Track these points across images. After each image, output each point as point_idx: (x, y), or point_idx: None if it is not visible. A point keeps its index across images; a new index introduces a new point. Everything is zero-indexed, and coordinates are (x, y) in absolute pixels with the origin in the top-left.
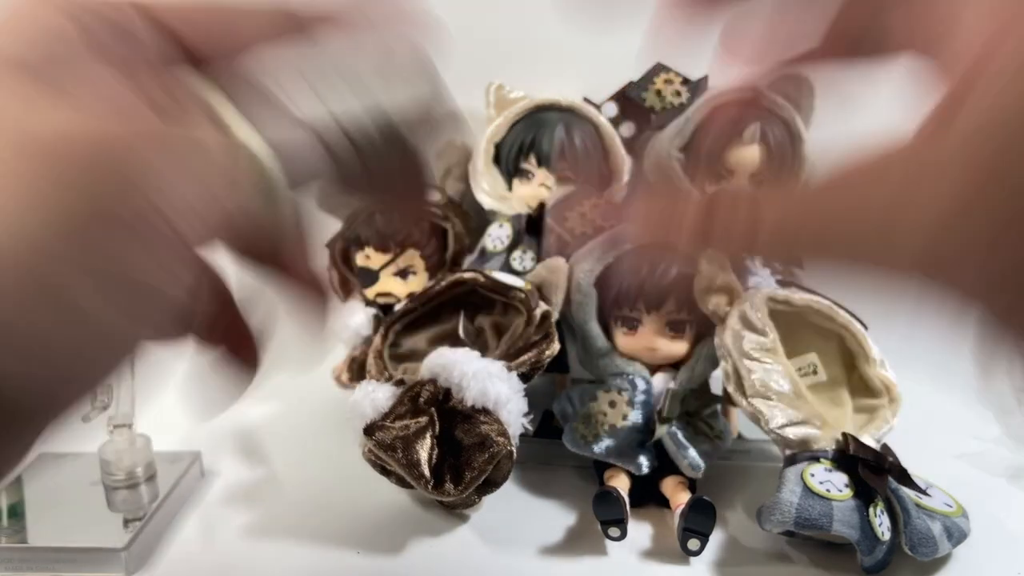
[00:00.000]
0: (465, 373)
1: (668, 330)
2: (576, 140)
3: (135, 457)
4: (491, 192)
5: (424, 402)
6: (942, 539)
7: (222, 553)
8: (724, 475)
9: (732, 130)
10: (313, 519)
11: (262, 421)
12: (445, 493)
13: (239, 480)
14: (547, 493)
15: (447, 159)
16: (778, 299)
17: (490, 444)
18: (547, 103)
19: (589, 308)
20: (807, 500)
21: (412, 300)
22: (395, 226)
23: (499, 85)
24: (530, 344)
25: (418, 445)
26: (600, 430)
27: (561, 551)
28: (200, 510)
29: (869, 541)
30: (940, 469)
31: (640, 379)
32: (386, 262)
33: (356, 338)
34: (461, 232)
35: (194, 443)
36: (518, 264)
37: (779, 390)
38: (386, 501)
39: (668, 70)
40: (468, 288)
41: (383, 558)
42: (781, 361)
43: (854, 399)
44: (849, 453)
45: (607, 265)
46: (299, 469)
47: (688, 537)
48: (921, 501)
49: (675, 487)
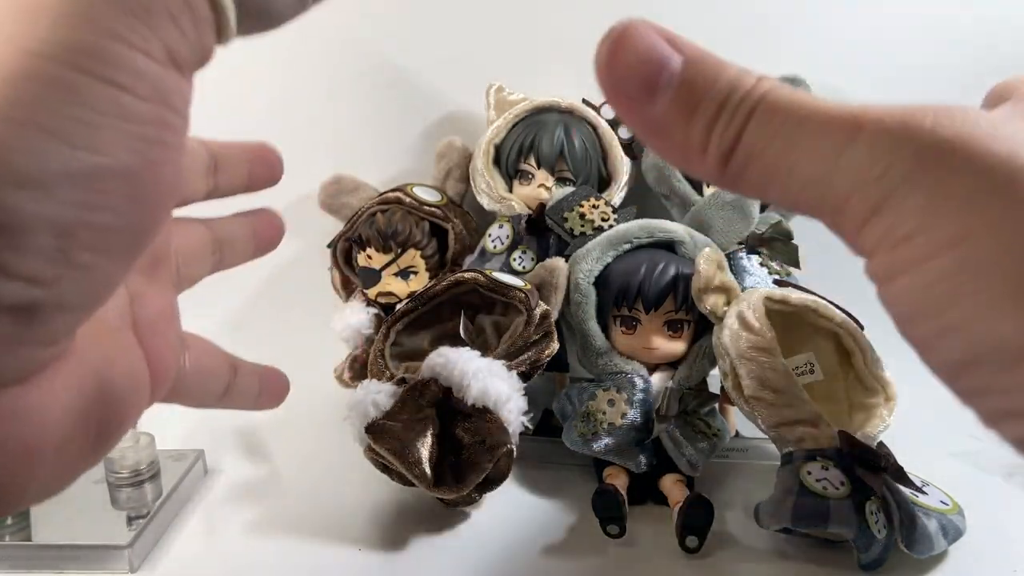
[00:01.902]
0: (466, 372)
1: (666, 329)
2: (575, 141)
3: (139, 455)
4: (491, 193)
5: (425, 401)
6: (938, 537)
7: (225, 550)
8: (722, 473)
9: None
10: (315, 517)
11: (264, 419)
12: (446, 491)
13: (242, 478)
14: (546, 491)
15: (447, 160)
16: (775, 298)
17: (491, 442)
18: (546, 105)
19: (588, 308)
20: (804, 498)
21: (413, 300)
22: (396, 226)
23: (499, 87)
24: (530, 343)
25: (419, 444)
26: (599, 428)
27: (560, 548)
28: (203, 507)
29: (866, 539)
30: (936, 467)
31: (638, 378)
32: (387, 262)
33: (358, 337)
34: (461, 232)
35: (197, 441)
36: (518, 264)
37: (776, 389)
38: (387, 499)
39: None
40: (468, 288)
41: (384, 555)
42: (778, 360)
43: (851, 397)
44: (846, 451)
45: (606, 265)
46: (301, 467)
47: (686, 534)
48: (917, 499)
49: (673, 485)
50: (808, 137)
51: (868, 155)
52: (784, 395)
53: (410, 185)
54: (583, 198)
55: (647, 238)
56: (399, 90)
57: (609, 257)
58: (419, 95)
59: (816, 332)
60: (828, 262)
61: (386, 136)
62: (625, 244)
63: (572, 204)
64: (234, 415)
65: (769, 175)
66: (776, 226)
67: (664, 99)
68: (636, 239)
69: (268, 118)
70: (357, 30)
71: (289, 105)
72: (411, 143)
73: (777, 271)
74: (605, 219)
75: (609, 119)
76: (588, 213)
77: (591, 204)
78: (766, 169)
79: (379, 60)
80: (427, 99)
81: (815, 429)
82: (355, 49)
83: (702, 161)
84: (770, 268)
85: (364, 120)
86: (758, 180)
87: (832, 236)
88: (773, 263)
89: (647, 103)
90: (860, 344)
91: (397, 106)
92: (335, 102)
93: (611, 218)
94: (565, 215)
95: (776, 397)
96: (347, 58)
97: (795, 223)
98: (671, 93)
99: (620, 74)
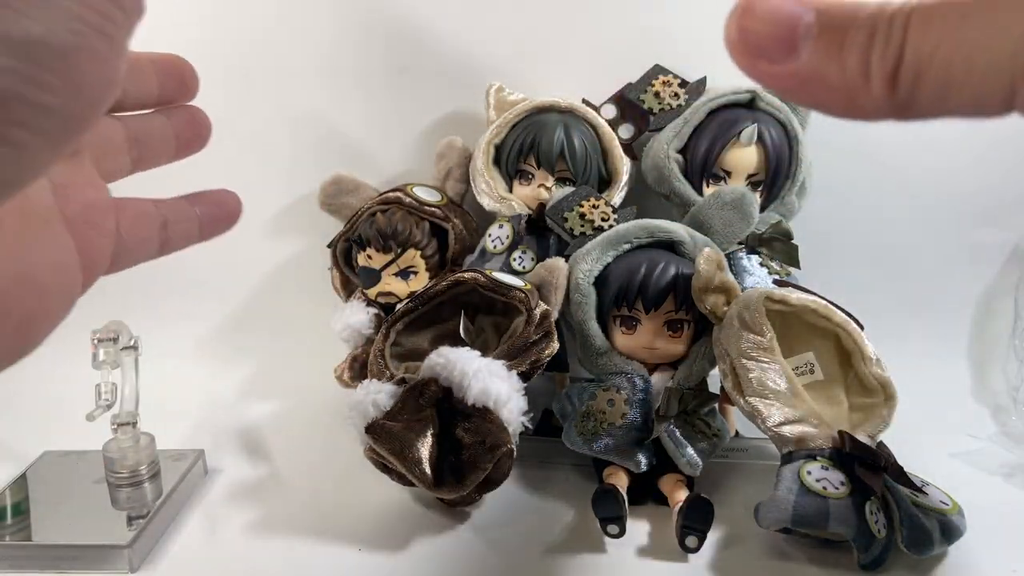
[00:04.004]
0: (466, 372)
1: (666, 329)
2: (575, 141)
3: (139, 455)
4: (491, 193)
5: (425, 401)
6: (938, 537)
7: (225, 550)
8: (722, 473)
9: (729, 132)
10: (315, 516)
11: (265, 419)
12: (446, 491)
13: (242, 478)
14: (547, 491)
15: (447, 160)
16: (775, 298)
17: (491, 442)
18: (546, 105)
19: (588, 308)
20: (804, 498)
21: (413, 300)
22: (396, 226)
23: (499, 87)
24: (530, 343)
25: (419, 443)
26: (599, 428)
27: (560, 548)
28: (203, 507)
29: (865, 538)
30: (936, 467)
31: (638, 378)
32: (387, 262)
33: (358, 337)
34: (461, 232)
35: (197, 441)
36: (518, 264)
37: (776, 389)
38: (387, 499)
39: (666, 72)
40: (468, 288)
41: (384, 555)
42: (778, 360)
43: (850, 398)
44: (846, 451)
45: (606, 265)
46: (301, 467)
47: (686, 534)
48: (917, 499)
49: (673, 485)
50: (977, 26)
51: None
52: (784, 395)
53: (410, 185)
54: (583, 198)
55: (647, 238)
56: (399, 90)
57: (609, 257)
58: (419, 95)
59: (816, 332)
60: (828, 262)
61: (386, 136)
62: (625, 244)
63: (572, 204)
64: (234, 415)
65: (945, 80)
66: (776, 226)
67: (807, 48)
68: (636, 239)
69: (268, 118)
70: (357, 30)
71: (289, 105)
72: (411, 143)
73: (777, 271)
74: (605, 219)
75: (609, 119)
76: (588, 213)
77: (591, 204)
78: (940, 75)
79: (379, 60)
80: (427, 99)
81: (815, 429)
82: (355, 49)
83: (867, 92)
84: (770, 268)
85: (364, 120)
86: (934, 91)
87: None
88: (773, 263)
89: (790, 59)
90: (860, 344)
91: (397, 106)
92: (335, 102)
93: (611, 218)
94: (565, 215)
95: (776, 397)
96: (347, 58)
97: (795, 223)
98: (812, 42)
99: (755, 42)
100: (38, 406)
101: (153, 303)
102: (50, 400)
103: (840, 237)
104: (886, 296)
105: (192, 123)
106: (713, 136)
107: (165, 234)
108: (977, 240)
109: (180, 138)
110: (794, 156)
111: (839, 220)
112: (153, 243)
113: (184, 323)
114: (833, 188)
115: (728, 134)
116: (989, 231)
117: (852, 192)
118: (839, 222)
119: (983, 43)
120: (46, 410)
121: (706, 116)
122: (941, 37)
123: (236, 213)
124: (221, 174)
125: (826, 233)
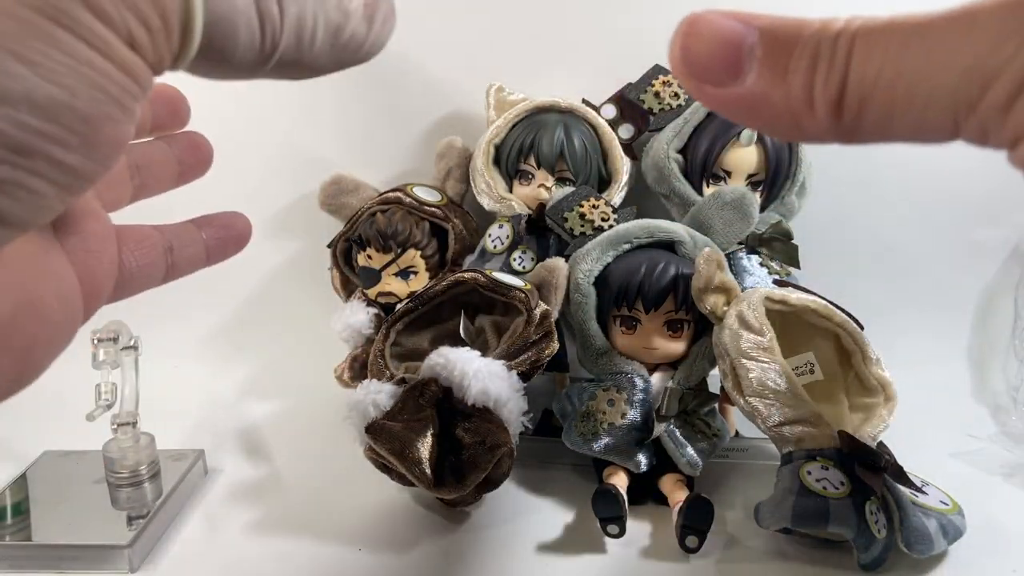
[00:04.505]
0: (466, 372)
1: (666, 329)
2: (575, 141)
3: (139, 455)
4: (491, 193)
5: (425, 401)
6: (938, 536)
7: (225, 550)
8: (722, 473)
9: (729, 132)
10: (315, 516)
11: (265, 419)
12: (446, 491)
13: (242, 477)
14: (546, 491)
15: (447, 160)
16: (775, 298)
17: (491, 442)
18: (546, 105)
19: (588, 308)
20: (804, 498)
21: (413, 300)
22: (396, 226)
23: (499, 87)
24: (530, 343)
25: (419, 443)
26: (599, 428)
27: (560, 548)
28: (203, 507)
29: (865, 538)
30: (936, 467)
31: (638, 378)
32: (387, 262)
33: (358, 337)
34: (461, 232)
35: (197, 441)
36: (518, 264)
37: (776, 389)
38: (387, 499)
39: (666, 72)
40: (468, 288)
41: (384, 555)
42: (778, 360)
43: (850, 397)
44: (846, 451)
45: (606, 265)
46: (301, 467)
47: (686, 534)
48: (917, 499)
49: (673, 485)
50: (920, 52)
51: (995, 36)
52: (784, 395)
53: (410, 185)
54: (583, 198)
55: (647, 238)
56: (399, 90)
57: (609, 257)
58: (419, 95)
59: (816, 332)
60: (828, 262)
61: (386, 136)
62: (625, 244)
63: (572, 204)
64: (234, 415)
65: (889, 106)
66: (776, 226)
67: (751, 72)
68: (636, 239)
69: (268, 118)
70: None
71: (289, 105)
72: (411, 143)
73: (777, 271)
74: (605, 219)
75: (609, 119)
76: (588, 213)
77: (591, 204)
78: (884, 102)
79: (379, 60)
80: (427, 99)
81: (815, 429)
82: None
83: (812, 118)
84: (770, 268)
85: (364, 120)
86: (879, 117)
87: (832, 236)
88: (773, 263)
89: (735, 83)
90: (860, 344)
91: (397, 106)
92: (335, 102)
93: (611, 218)
94: (565, 215)
95: (776, 397)
96: None
97: (795, 223)
98: (756, 64)
99: (699, 64)
100: (38, 406)
101: (153, 303)
102: (50, 400)
103: (840, 237)
104: (886, 296)
105: (193, 149)
106: (713, 136)
107: (170, 260)
108: (977, 239)
109: (183, 164)
110: (794, 156)
111: (839, 220)
112: (158, 269)
113: (184, 323)
114: (833, 188)
115: (728, 134)
116: (989, 230)
117: (852, 192)
118: (839, 222)
119: (924, 72)
120: (46, 410)
121: (706, 116)
122: (884, 61)
123: (245, 236)
124: (221, 174)
125: (826, 233)
